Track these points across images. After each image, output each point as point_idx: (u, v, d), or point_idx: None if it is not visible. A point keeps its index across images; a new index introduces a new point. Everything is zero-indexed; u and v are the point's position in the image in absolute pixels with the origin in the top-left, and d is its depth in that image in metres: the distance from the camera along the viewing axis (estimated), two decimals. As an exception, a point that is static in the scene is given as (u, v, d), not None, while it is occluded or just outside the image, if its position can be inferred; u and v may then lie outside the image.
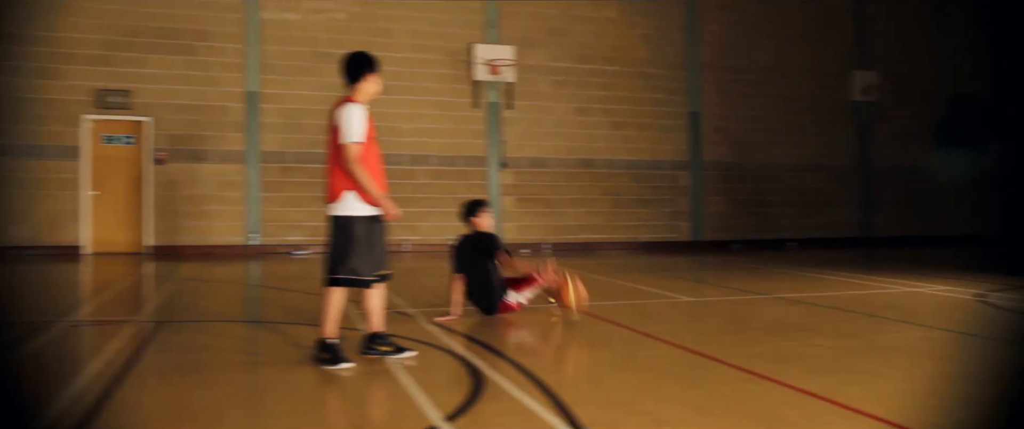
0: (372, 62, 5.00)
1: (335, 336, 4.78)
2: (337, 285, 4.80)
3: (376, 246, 4.84)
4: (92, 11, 12.61)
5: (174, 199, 12.83)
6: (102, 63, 12.65)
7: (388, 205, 4.77)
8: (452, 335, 5.64)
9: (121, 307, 7.35)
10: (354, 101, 4.84)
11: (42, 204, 12.41)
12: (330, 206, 4.85)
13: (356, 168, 4.68)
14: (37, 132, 12.40)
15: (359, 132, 4.71)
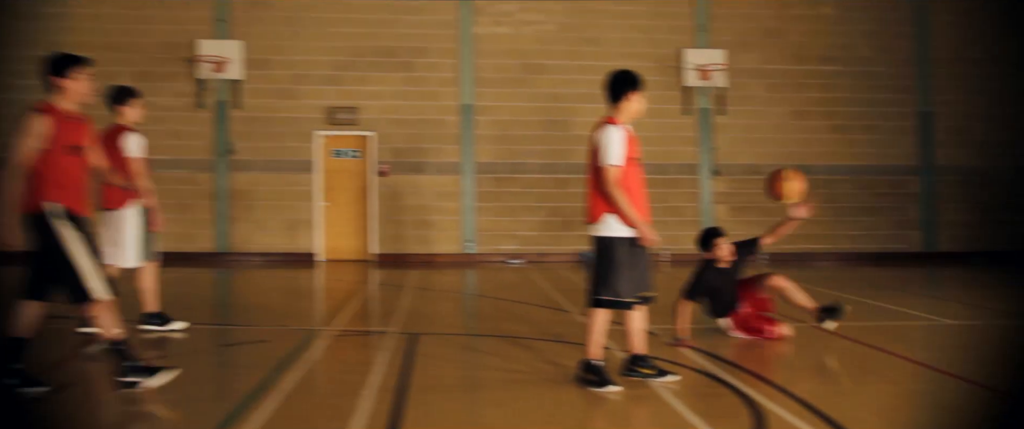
0: (635, 80, 4.90)
1: (600, 358, 4.74)
2: (600, 306, 4.77)
3: (637, 268, 4.75)
4: (323, 35, 13.54)
5: (396, 209, 13.50)
6: (332, 82, 13.55)
7: (645, 230, 4.67)
8: (704, 355, 5.46)
9: (372, 317, 7.75)
10: (615, 122, 4.78)
11: (281, 214, 13.46)
12: (591, 227, 4.82)
13: (615, 191, 4.62)
14: (277, 148, 13.48)
15: (618, 155, 4.65)
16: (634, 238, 4.68)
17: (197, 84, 13.37)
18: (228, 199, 13.42)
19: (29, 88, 13.35)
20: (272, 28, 13.53)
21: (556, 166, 13.69)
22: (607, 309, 4.73)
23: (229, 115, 13.45)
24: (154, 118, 13.29)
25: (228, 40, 13.37)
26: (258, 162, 13.45)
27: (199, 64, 13.15)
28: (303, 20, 13.56)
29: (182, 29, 13.50)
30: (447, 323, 7.21)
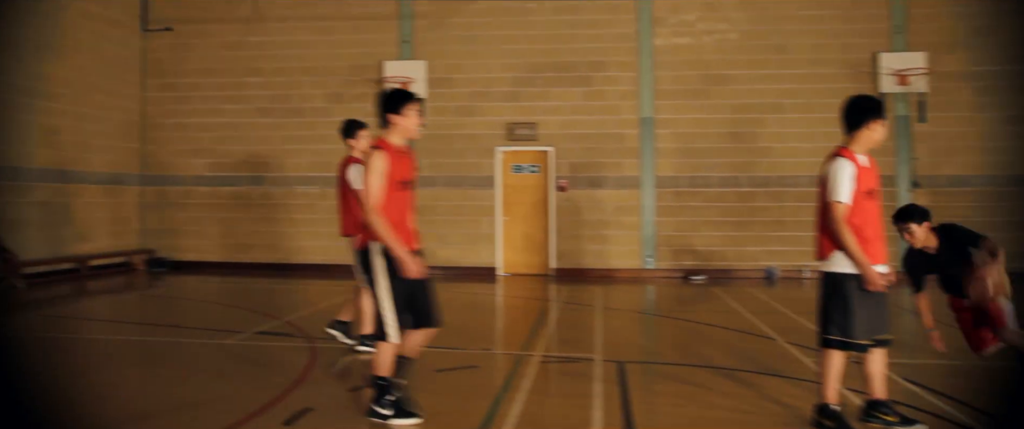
0: (878, 107, 4.52)
1: (837, 402, 4.46)
2: (829, 347, 4.48)
3: (872, 308, 4.42)
4: (502, 52, 13.77)
5: (575, 224, 13.49)
6: (511, 99, 13.75)
7: (871, 273, 4.31)
8: (945, 399, 5.01)
9: (570, 341, 7.73)
10: (848, 154, 4.44)
11: (463, 229, 13.80)
12: (820, 262, 4.54)
13: (841, 229, 4.32)
14: (459, 164, 13.83)
15: (846, 191, 4.33)
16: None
17: (384, 104, 13.93)
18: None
19: (236, 112, 14.49)
20: (453, 47, 13.90)
21: (739, 179, 13.22)
22: (839, 350, 4.45)
23: (414, 133, 13.92)
24: (346, 137, 14.04)
25: (412, 60, 13.87)
26: (440, 178, 13.86)
27: (386, 85, 13.72)
28: (482, 38, 13.85)
29: (370, 52, 14.14)
30: (650, 350, 7.07)
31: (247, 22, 14.54)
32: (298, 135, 14.30)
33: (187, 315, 9.36)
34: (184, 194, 14.65)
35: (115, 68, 14.11)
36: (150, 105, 14.84)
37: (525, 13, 13.77)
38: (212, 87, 14.65)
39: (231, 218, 14.50)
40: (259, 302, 10.36)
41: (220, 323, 8.39)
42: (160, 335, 7.65)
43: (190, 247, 14.54)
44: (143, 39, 14.81)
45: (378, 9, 14.14)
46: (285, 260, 14.19)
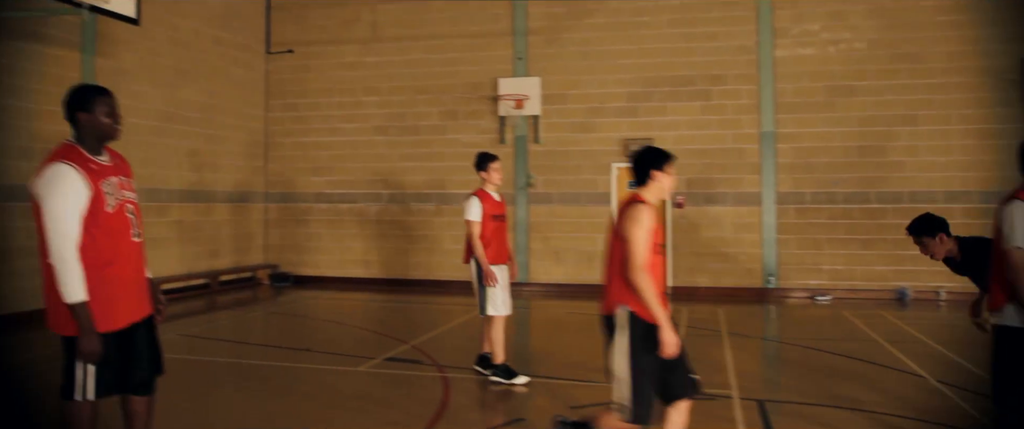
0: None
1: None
2: (1007, 425, 4.10)
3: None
4: (617, 67, 13.61)
5: (693, 241, 13.19)
6: (627, 114, 13.57)
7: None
8: None
9: (703, 373, 7.50)
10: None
11: (578, 246, 13.70)
12: (994, 314, 4.19)
13: (1019, 278, 3.93)
14: (574, 181, 13.75)
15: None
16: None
17: (499, 121, 14.03)
18: (528, 231, 13.91)
19: (353, 130, 14.85)
20: (567, 63, 13.84)
21: (867, 195, 12.63)
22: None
23: (528, 149, 13.95)
24: (460, 154, 14.20)
25: (526, 77, 13.88)
26: (555, 195, 13.82)
27: (500, 102, 13.79)
28: (597, 54, 13.73)
29: (484, 69, 14.24)
30: (788, 387, 6.78)
31: (364, 42, 14.90)
32: (414, 153, 14.54)
33: (317, 337, 9.61)
34: (305, 211, 15.13)
35: (242, 90, 14.71)
36: (272, 125, 15.40)
37: (640, 28, 13.57)
38: (331, 106, 15.07)
39: (349, 234, 14.87)
40: (383, 323, 10.55)
41: (350, 347, 8.57)
42: (294, 360, 7.86)
43: (310, 262, 14.99)
44: (267, 61, 15.39)
45: (492, 26, 14.23)
46: (401, 276, 14.44)
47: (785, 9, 13.05)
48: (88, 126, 3.62)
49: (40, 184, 3.45)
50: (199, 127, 13.38)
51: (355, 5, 14.96)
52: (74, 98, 3.65)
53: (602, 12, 13.74)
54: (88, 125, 3.62)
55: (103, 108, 3.65)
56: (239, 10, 14.60)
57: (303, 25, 15.26)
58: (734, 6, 13.22)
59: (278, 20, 15.40)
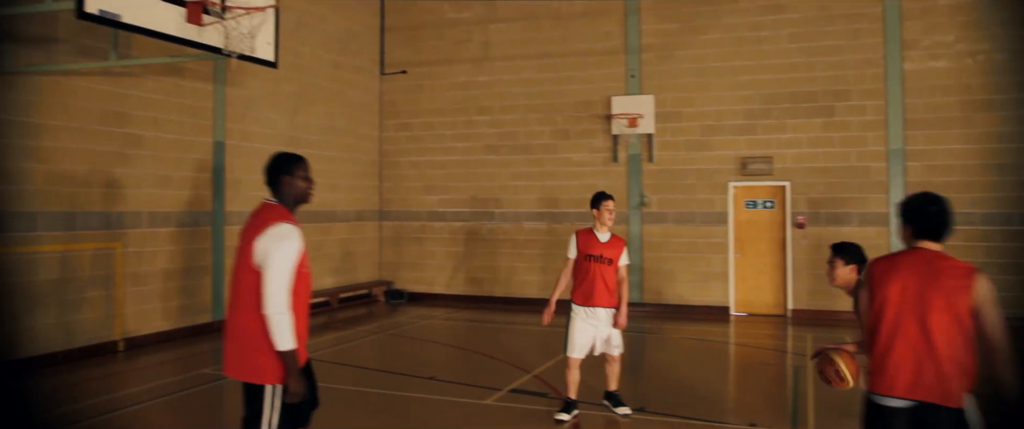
0: None
1: None
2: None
3: None
4: (734, 84, 13.28)
5: (815, 263, 12.71)
6: (744, 132, 13.21)
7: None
8: None
9: (844, 412, 7.21)
10: None
11: (694, 266, 13.43)
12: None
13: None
14: (689, 200, 13.49)
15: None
16: None
17: (612, 139, 13.90)
18: (641, 251, 13.72)
19: (465, 149, 15.01)
20: (682, 80, 13.59)
21: (1009, 217, 11.88)
22: None
23: (642, 168, 13.77)
24: (572, 173, 14.15)
25: (640, 95, 13.70)
26: (670, 214, 13.59)
27: (613, 120, 13.66)
28: (713, 70, 13.43)
29: (596, 87, 14.15)
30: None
31: (476, 62, 15.04)
32: (525, 171, 14.58)
33: (439, 363, 9.72)
34: (418, 229, 15.39)
35: (358, 112, 15.10)
36: (387, 144, 15.74)
37: (758, 42, 13.19)
38: (444, 126, 15.28)
39: (462, 252, 15.03)
40: (502, 347, 10.57)
41: (473, 375, 8.62)
42: (422, 389, 7.96)
43: (424, 279, 15.23)
44: (381, 82, 15.74)
45: (604, 44, 14.13)
46: (513, 294, 14.50)
47: (915, 20, 12.43)
48: (289, 188, 3.88)
49: (268, 242, 3.67)
50: (318, 149, 13.79)
51: (467, 25, 15.13)
52: (279, 163, 3.92)
53: (717, 28, 13.42)
54: (289, 187, 3.88)
55: (302, 172, 3.95)
56: (355, 34, 14.99)
57: (416, 46, 15.53)
58: (859, 18, 12.69)
59: (392, 42, 15.73)
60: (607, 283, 6.71)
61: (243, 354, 3.75)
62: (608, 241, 6.80)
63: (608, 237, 6.83)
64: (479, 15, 15.07)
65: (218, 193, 11.41)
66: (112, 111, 9.74)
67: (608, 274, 6.72)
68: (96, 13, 5.23)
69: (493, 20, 14.94)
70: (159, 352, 9.81)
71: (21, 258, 8.59)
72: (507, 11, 14.85)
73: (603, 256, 6.72)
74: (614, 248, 6.81)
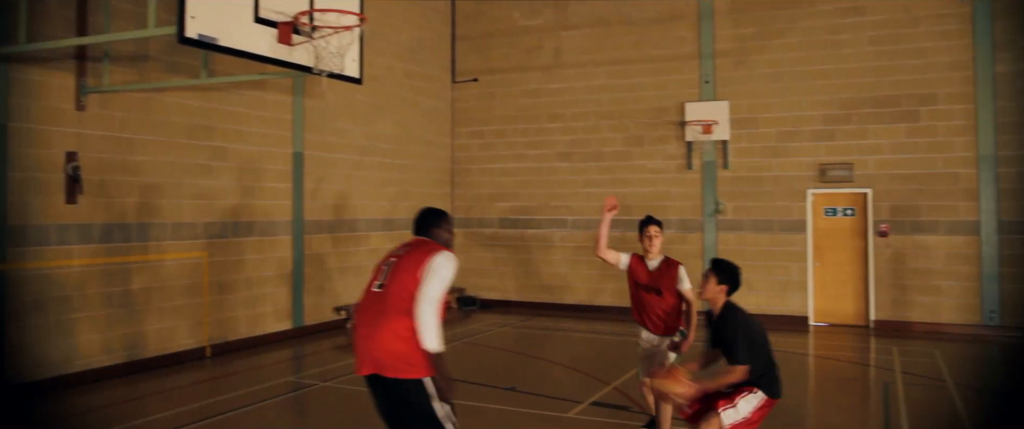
0: None
1: None
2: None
3: None
4: (813, 89, 12.98)
5: (899, 272, 12.34)
6: (823, 138, 12.90)
7: None
8: None
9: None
10: None
11: (771, 275, 13.16)
12: None
13: None
14: (766, 208, 13.23)
15: None
16: None
17: (686, 146, 13.73)
18: (716, 259, 13.50)
19: (537, 157, 15.01)
20: (758, 86, 13.34)
21: (1110, 224, 11.33)
22: None
23: (717, 175, 13.57)
24: (645, 180, 14.03)
25: (714, 101, 13.50)
26: (746, 222, 13.35)
27: (687, 127, 13.49)
28: (790, 75, 13.15)
29: (670, 94, 13.99)
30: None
31: (547, 69, 15.04)
32: (598, 179, 14.51)
33: (517, 373, 9.72)
34: (490, 236, 15.46)
35: (430, 120, 15.25)
36: (458, 152, 15.86)
37: (838, 46, 12.86)
38: (515, 133, 15.32)
39: (534, 259, 15.04)
40: (578, 358, 10.53)
41: (552, 387, 8.61)
42: (503, 401, 7.97)
43: (497, 286, 15.28)
44: (452, 91, 15.87)
45: (677, 50, 13.97)
46: (585, 302, 14.44)
47: (1008, 20, 11.94)
48: (437, 238, 4.54)
49: (443, 264, 4.23)
50: (391, 158, 13.97)
51: (538, 33, 15.14)
52: (431, 216, 4.64)
53: (795, 32, 13.14)
54: (437, 237, 4.54)
55: (447, 226, 4.65)
56: (427, 43, 15.14)
57: (487, 54, 15.61)
58: (946, 19, 12.26)
59: (463, 50, 15.84)
60: (657, 312, 6.33)
61: (400, 355, 4.11)
62: (657, 268, 6.35)
63: (657, 264, 6.38)
64: (550, 22, 15.06)
65: (297, 202, 11.66)
66: (199, 125, 10.04)
67: (657, 305, 6.31)
68: (196, 38, 5.39)
69: (564, 27, 14.92)
70: (244, 358, 10.07)
71: (117, 268, 8.91)
72: (578, 18, 14.81)
73: (651, 286, 6.31)
74: (665, 277, 6.30)
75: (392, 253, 4.48)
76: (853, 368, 10.05)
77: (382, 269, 4.40)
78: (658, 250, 6.42)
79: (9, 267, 7.81)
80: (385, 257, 4.50)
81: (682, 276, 6.33)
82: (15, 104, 7.90)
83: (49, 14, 8.10)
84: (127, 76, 9.03)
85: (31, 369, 8.04)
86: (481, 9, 15.71)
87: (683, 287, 6.30)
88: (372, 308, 4.27)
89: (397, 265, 4.31)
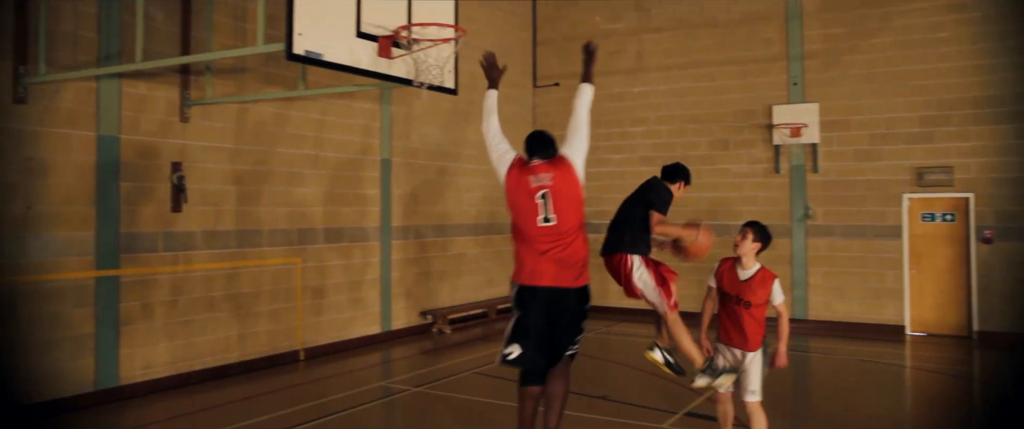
0: None
1: None
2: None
3: None
4: (909, 89, 12.53)
5: (1006, 281, 11.80)
6: (920, 140, 12.45)
7: None
8: None
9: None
10: None
11: (864, 282, 12.76)
12: None
13: None
14: (858, 213, 12.84)
15: None
16: None
17: (773, 149, 13.43)
18: (806, 265, 13.18)
19: (620, 161, 14.91)
20: (850, 87, 12.96)
21: None
22: None
23: (806, 179, 13.23)
24: (731, 184, 13.78)
25: (803, 103, 13.17)
26: (838, 227, 12.98)
27: (775, 130, 13.20)
28: (884, 75, 12.72)
29: (756, 96, 13.71)
30: None
31: (630, 73, 14.93)
32: (682, 183, 14.29)
33: (607, 380, 9.66)
34: (572, 241, 15.41)
35: (512, 125, 15.18)
36: (540, 156, 15.85)
37: (936, 45, 12.38)
38: (597, 138, 15.09)
39: (616, 264, 14.92)
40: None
41: (644, 395, 8.54)
42: (592, 410, 7.94)
43: (578, 291, 15.21)
44: (534, 95, 15.90)
45: (764, 52, 13.68)
46: (669, 308, 14.26)
47: (1123, 15, 11.33)
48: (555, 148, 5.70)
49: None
50: (475, 164, 14.09)
51: (620, 36, 15.04)
52: (548, 139, 5.80)
53: (889, 31, 12.71)
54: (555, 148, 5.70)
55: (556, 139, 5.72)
56: (508, 48, 15.20)
57: (568, 58, 15.59)
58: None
59: (544, 55, 15.86)
60: (743, 325, 5.85)
61: (585, 265, 5.46)
62: (750, 279, 5.81)
63: (750, 273, 5.83)
64: (632, 25, 14.95)
65: (385, 208, 11.87)
66: (293, 133, 10.32)
67: (745, 317, 5.82)
68: (303, 54, 5.54)
69: (647, 30, 14.79)
70: (336, 362, 10.29)
71: (217, 273, 9.23)
72: (661, 20, 14.66)
73: (741, 298, 5.80)
74: (756, 289, 5.81)
75: (535, 185, 5.22)
76: (954, 381, 9.66)
77: (536, 204, 5.15)
78: (749, 257, 5.94)
79: (122, 272, 8.17)
80: (528, 189, 5.23)
81: (777, 290, 5.87)
82: (127, 117, 8.26)
83: (156, 30, 8.45)
84: (227, 88, 9.34)
85: (141, 371, 8.39)
86: (562, 13, 15.70)
87: (776, 300, 5.86)
88: (551, 238, 5.16)
89: (553, 193, 5.13)
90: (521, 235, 5.35)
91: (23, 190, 7.35)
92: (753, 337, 5.89)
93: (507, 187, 5.39)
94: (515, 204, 5.32)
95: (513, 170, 5.46)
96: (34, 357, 7.41)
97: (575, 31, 15.51)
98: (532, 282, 5.28)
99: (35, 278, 7.40)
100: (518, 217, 5.31)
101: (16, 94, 7.24)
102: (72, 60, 7.76)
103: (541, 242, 5.23)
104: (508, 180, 5.42)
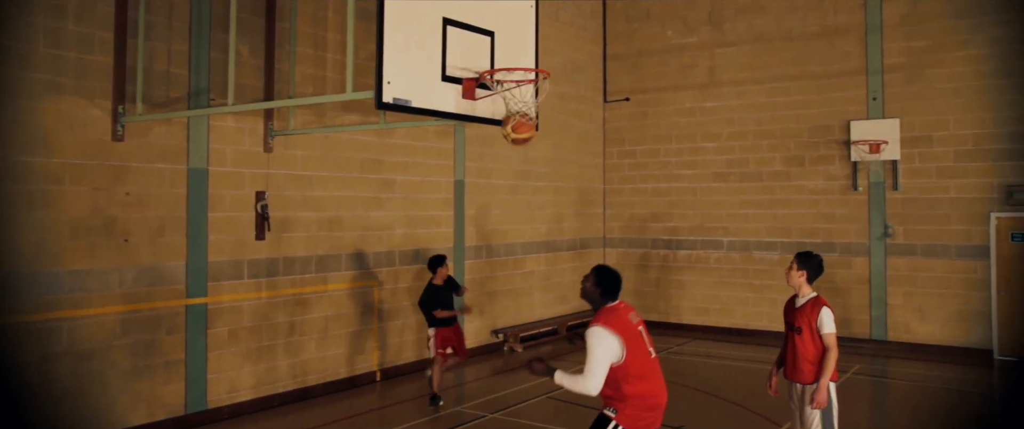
0: None
1: None
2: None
3: None
4: (997, 104, 12.09)
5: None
6: (1008, 157, 12.00)
7: None
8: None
9: None
10: None
11: (948, 303, 12.38)
12: None
13: None
14: (941, 231, 12.45)
15: None
16: None
17: (851, 166, 13.13)
18: (885, 285, 12.85)
19: (692, 177, 14.76)
20: (933, 102, 12.57)
21: None
22: None
23: (885, 197, 12.89)
24: (806, 201, 13.53)
25: (882, 119, 12.83)
26: (919, 246, 12.61)
27: (853, 146, 12.89)
28: (971, 90, 12.30)
29: (833, 111, 13.42)
30: None
31: (702, 88, 14.77)
32: (756, 199, 14.10)
33: (685, 408, 9.57)
34: (643, 257, 15.34)
35: (582, 141, 15.30)
36: (610, 172, 15.83)
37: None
38: (669, 153, 15.13)
39: (688, 280, 14.80)
40: (749, 392, 10.25)
41: (723, 425, 8.44)
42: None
43: (650, 308, 15.12)
44: (604, 110, 15.86)
45: (842, 66, 13.37)
46: (741, 325, 14.08)
47: None
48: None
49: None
50: (546, 181, 14.13)
51: (693, 51, 14.89)
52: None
53: (977, 42, 12.27)
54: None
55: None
56: (579, 64, 15.21)
57: (639, 74, 15.51)
58: None
59: (614, 70, 15.82)
60: (798, 354, 5.89)
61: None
62: (802, 306, 5.95)
63: (804, 300, 5.95)
64: (705, 40, 14.78)
65: (458, 229, 12.00)
66: (370, 159, 10.53)
67: (799, 345, 5.88)
68: (392, 102, 5.67)
69: (720, 44, 14.60)
70: (411, 382, 10.46)
71: (299, 298, 9.49)
72: (734, 35, 14.46)
73: (793, 325, 5.96)
74: (806, 315, 5.88)
75: (634, 323, 4.88)
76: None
77: (643, 336, 4.86)
78: (797, 285, 5.97)
79: (209, 300, 8.47)
80: (633, 327, 4.85)
81: (826, 320, 5.83)
82: (214, 150, 8.56)
83: (242, 64, 8.73)
84: (307, 118, 9.59)
85: (227, 395, 8.68)
86: (633, 28, 15.62)
87: (825, 330, 5.81)
88: (658, 370, 4.93)
89: (645, 332, 4.94)
90: (639, 372, 4.83)
91: (122, 223, 7.69)
92: (804, 368, 5.87)
93: (623, 340, 4.77)
94: (632, 347, 4.82)
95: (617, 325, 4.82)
96: (131, 382, 7.75)
97: (646, 46, 15.42)
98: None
99: (132, 306, 7.73)
100: (634, 355, 4.82)
101: (114, 132, 7.58)
102: (165, 97, 8.08)
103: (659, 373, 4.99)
104: (621, 335, 4.78)
